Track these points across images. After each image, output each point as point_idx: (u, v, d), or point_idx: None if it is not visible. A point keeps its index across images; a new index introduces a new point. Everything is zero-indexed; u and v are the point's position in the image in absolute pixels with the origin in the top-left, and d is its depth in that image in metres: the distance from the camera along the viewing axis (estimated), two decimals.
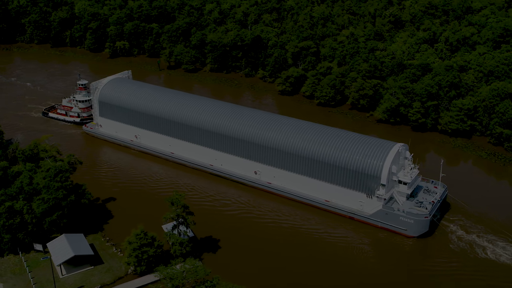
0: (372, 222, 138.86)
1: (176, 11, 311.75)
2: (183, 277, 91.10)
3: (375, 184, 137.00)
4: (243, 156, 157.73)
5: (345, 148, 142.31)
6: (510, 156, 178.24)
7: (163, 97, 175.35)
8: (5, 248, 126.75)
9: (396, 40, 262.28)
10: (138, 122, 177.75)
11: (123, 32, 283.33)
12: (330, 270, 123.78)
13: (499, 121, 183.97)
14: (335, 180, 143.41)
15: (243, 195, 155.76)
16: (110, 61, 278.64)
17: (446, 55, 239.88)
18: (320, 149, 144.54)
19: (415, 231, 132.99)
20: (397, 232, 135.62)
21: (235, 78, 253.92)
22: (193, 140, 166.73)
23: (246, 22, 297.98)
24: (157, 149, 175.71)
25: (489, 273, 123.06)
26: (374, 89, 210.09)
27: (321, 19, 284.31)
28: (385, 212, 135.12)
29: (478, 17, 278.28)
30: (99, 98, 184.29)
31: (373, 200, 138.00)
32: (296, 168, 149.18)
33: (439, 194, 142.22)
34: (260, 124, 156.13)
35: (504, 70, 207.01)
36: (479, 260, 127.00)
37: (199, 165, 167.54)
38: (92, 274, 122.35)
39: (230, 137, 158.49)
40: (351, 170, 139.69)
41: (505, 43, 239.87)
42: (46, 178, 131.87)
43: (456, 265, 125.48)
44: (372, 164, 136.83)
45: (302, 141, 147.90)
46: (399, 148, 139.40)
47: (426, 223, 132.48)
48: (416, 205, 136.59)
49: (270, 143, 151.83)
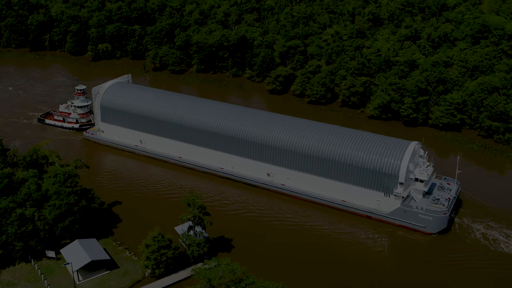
0: (390, 220, 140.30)
1: (156, 12, 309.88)
2: (220, 276, 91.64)
3: (393, 182, 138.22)
4: (256, 158, 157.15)
5: (361, 147, 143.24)
6: (500, 148, 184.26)
7: (169, 101, 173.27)
8: (16, 256, 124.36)
9: (378, 38, 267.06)
10: (143, 126, 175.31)
11: (105, 35, 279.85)
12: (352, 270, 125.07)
13: (488, 114, 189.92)
14: (351, 180, 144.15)
15: (255, 197, 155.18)
16: (92, 64, 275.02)
17: (429, 51, 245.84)
18: (336, 150, 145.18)
19: (434, 227, 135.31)
20: (415, 230, 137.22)
21: (222, 78, 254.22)
22: (203, 143, 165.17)
23: (227, 22, 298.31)
24: (164, 154, 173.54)
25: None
26: (364, 86, 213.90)
27: (303, 18, 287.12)
28: (404, 210, 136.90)
29: (454, 14, 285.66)
30: (101, 103, 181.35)
31: (390, 198, 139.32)
32: (311, 169, 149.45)
33: (454, 190, 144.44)
34: (273, 126, 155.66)
35: (489, 64, 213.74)
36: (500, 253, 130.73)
37: (208, 169, 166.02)
38: (109, 278, 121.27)
39: (242, 139, 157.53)
40: (368, 170, 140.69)
41: (484, 39, 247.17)
42: (56, 183, 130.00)
43: (477, 258, 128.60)
44: (390, 163, 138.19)
45: (317, 142, 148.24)
46: (415, 147, 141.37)
47: (445, 220, 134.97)
48: (433, 202, 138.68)
49: (284, 144, 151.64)
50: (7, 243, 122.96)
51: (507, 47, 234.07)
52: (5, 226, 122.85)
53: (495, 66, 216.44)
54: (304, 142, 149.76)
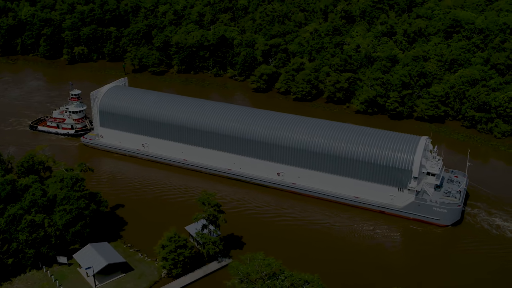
0: (403, 214, 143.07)
1: (130, 14, 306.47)
2: (257, 270, 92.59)
3: (406, 177, 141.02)
4: (265, 158, 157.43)
5: (373, 144, 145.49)
6: (484, 137, 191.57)
7: (172, 103, 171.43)
8: (28, 264, 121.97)
9: (353, 35, 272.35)
10: (145, 130, 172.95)
11: (80, 37, 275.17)
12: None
13: (471, 105, 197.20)
14: (364, 176, 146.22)
15: (265, 197, 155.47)
16: (69, 68, 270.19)
17: (405, 46, 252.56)
18: (348, 147, 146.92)
19: (448, 220, 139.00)
20: (429, 223, 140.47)
21: (204, 78, 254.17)
22: (209, 145, 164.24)
23: (202, 22, 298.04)
24: (168, 157, 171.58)
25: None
26: (348, 81, 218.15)
27: (279, 17, 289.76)
28: (418, 204, 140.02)
29: (424, 10, 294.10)
30: (100, 108, 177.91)
31: (404, 193, 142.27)
32: (322, 167, 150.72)
33: (464, 183, 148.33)
34: (282, 126, 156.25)
35: (467, 58, 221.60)
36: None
37: (216, 170, 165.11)
38: (126, 281, 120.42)
39: (251, 140, 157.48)
40: (382, 165, 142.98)
41: (456, 33, 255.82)
42: (64, 188, 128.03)
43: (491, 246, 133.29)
44: (403, 158, 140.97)
45: (328, 140, 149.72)
46: (426, 141, 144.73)
47: (459, 212, 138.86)
48: (445, 195, 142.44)
49: (295, 144, 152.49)
50: (18, 250, 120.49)
51: (479, 40, 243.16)
52: (15, 234, 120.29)
53: (472, 59, 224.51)
54: (316, 140, 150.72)
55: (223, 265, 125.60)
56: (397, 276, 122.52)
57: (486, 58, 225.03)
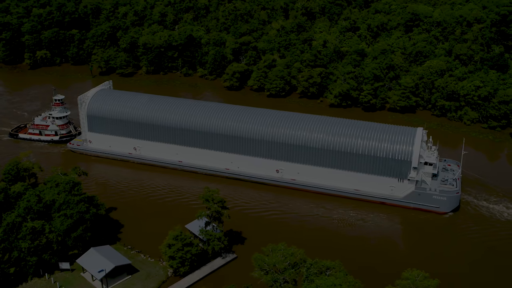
0: (404, 204, 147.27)
1: (90, 16, 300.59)
2: (282, 260, 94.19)
3: (406, 168, 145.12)
4: (264, 156, 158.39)
5: (372, 137, 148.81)
6: (454, 125, 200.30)
7: (164, 105, 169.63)
8: (30, 272, 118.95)
9: (316, 31, 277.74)
10: (137, 133, 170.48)
11: (42, 41, 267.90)
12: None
13: (440, 94, 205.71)
14: (364, 169, 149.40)
15: (264, 194, 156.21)
16: (31, 72, 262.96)
17: (370, 40, 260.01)
18: (347, 141, 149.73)
19: (448, 207, 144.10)
20: (429, 211, 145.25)
21: (174, 78, 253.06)
22: (205, 146, 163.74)
23: (165, 22, 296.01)
24: (161, 159, 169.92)
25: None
26: (320, 76, 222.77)
27: (243, 15, 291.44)
28: (418, 193, 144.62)
29: (381, 5, 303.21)
30: (88, 112, 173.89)
31: (404, 183, 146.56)
32: (322, 162, 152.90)
33: (459, 171, 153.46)
34: (280, 123, 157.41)
35: (431, 50, 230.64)
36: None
37: (213, 170, 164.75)
38: (133, 283, 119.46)
39: (249, 138, 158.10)
40: (381, 158, 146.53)
41: (415, 27, 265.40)
42: (61, 193, 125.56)
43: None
44: (402, 150, 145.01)
45: (327, 134, 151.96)
46: (422, 132, 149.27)
47: (457, 199, 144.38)
48: (442, 183, 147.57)
49: (294, 140, 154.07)
50: (19, 259, 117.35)
51: (438, 33, 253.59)
52: (15, 242, 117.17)
53: (435, 51, 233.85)
54: (315, 136, 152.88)
55: (227, 261, 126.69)
56: (404, 261, 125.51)
57: (448, 49, 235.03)
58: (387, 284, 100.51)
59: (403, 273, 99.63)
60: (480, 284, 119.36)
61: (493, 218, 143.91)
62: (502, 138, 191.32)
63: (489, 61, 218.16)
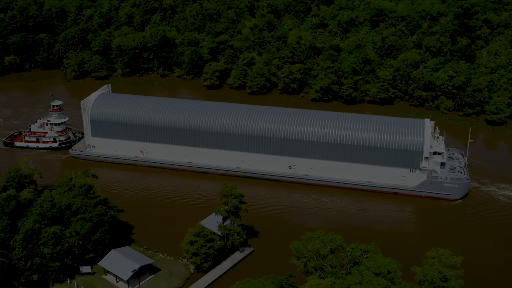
0: (416, 193, 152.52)
1: (54, 19, 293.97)
2: (323, 247, 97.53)
3: (417, 158, 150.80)
4: (276, 153, 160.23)
5: (383, 130, 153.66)
6: (432, 114, 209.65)
7: (170, 106, 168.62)
8: (51, 278, 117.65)
9: (286, 28, 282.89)
10: (144, 136, 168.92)
11: (9, 46, 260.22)
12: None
13: (417, 85, 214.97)
14: (377, 161, 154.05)
15: (277, 190, 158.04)
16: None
17: (341, 36, 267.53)
18: (359, 135, 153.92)
19: (459, 194, 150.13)
20: (441, 198, 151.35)
21: (151, 79, 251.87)
22: (216, 145, 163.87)
23: (133, 24, 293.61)
24: (170, 161, 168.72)
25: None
26: (300, 72, 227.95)
27: (211, 15, 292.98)
28: (430, 182, 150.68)
29: (344, 2, 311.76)
30: (91, 117, 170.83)
31: (416, 173, 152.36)
32: (334, 156, 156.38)
33: (465, 159, 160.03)
34: (290, 120, 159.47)
35: (403, 43, 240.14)
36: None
37: (224, 170, 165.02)
38: (157, 282, 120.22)
39: (260, 136, 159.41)
40: (394, 149, 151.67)
41: (381, 22, 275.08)
42: (76, 197, 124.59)
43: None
44: (414, 141, 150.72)
45: (339, 129, 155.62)
46: (430, 123, 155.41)
47: (467, 185, 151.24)
48: (451, 171, 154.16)
49: (306, 136, 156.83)
50: (41, 265, 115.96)
51: (404, 27, 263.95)
52: (36, 248, 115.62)
53: (406, 44, 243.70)
54: (327, 131, 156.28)
55: (246, 254, 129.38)
56: (425, 244, 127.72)
57: (417, 42, 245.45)
58: (412, 265, 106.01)
59: (428, 253, 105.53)
60: (504, 261, 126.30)
61: (502, 202, 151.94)
62: (478, 124, 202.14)
63: (458, 52, 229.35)
